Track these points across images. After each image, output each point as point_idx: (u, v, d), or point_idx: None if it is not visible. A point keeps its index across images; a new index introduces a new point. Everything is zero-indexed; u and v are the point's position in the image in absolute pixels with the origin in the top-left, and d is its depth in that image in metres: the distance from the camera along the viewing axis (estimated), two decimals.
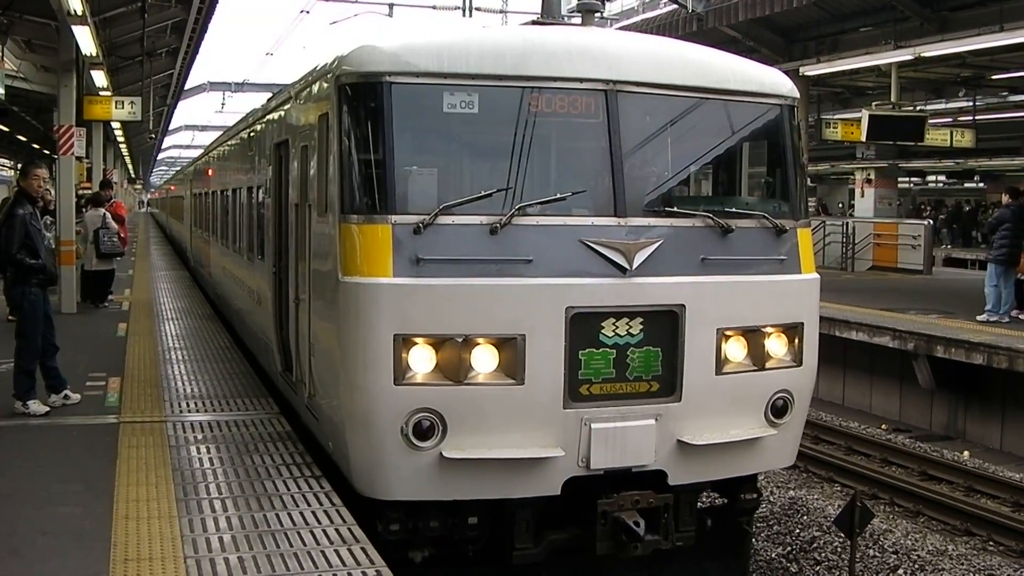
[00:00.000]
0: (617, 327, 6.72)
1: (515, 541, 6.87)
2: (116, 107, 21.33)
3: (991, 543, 10.82)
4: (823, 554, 10.61)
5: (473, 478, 6.64)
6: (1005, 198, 16.89)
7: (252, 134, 12.15)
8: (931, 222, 31.63)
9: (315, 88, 7.81)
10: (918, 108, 32.65)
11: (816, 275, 7.68)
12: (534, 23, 8.33)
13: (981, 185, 54.14)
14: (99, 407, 9.56)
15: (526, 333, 6.52)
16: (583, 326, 6.64)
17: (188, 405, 9.69)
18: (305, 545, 5.96)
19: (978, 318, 16.47)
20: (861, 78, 31.65)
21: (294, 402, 8.88)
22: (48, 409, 9.28)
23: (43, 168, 9.88)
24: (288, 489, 7.02)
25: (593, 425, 6.69)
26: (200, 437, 8.46)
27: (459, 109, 6.78)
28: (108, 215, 17.35)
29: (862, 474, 13.02)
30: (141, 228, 52.94)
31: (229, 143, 15.99)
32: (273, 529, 6.22)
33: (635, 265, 6.73)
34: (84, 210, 17.79)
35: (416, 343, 6.45)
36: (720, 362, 7.09)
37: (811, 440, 14.17)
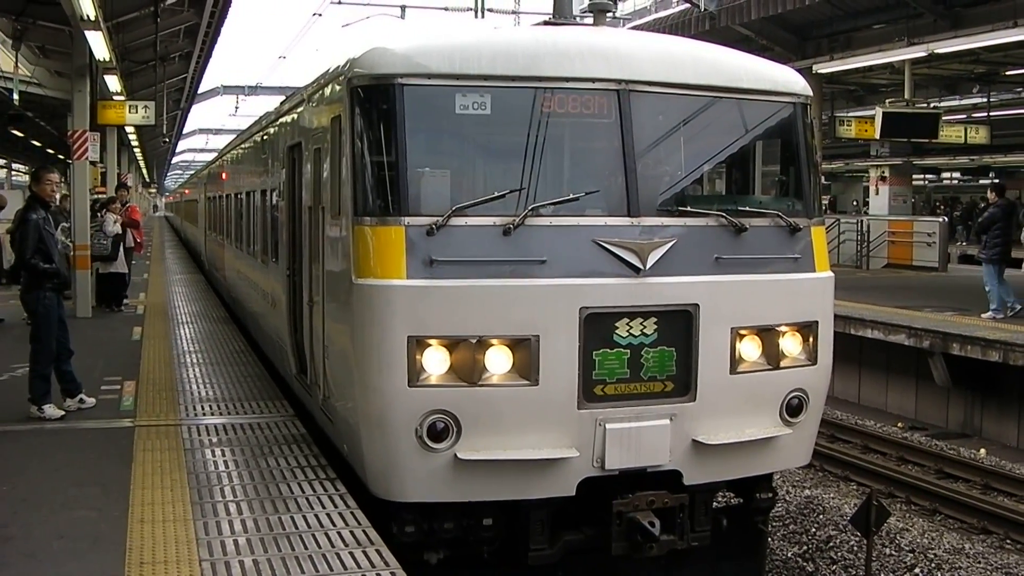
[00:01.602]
0: (631, 327, 6.70)
1: (530, 542, 6.86)
2: (130, 111, 21.41)
3: (1008, 541, 10.77)
4: (839, 553, 10.57)
5: (488, 479, 6.62)
6: (992, 196, 16.76)
7: (265, 137, 12.17)
8: (946, 219, 31.47)
9: (327, 91, 7.81)
10: (932, 105, 32.49)
11: (831, 273, 7.65)
12: (546, 23, 8.31)
13: (996, 182, 53.83)
14: (114, 411, 9.59)
15: (540, 334, 6.51)
16: (597, 326, 6.62)
17: (203, 408, 9.71)
18: (320, 547, 5.97)
19: (983, 316, 16.42)
20: (875, 75, 31.53)
21: (309, 404, 8.89)
22: (63, 413, 9.31)
23: (55, 172, 9.90)
24: (303, 491, 7.03)
25: (608, 425, 6.68)
26: (215, 440, 8.47)
27: (471, 110, 6.77)
28: (111, 218, 17.42)
29: (878, 472, 12.98)
30: (156, 232, 53.13)
31: (242, 146, 16.02)
32: (288, 532, 6.23)
33: (649, 265, 6.71)
34: (99, 215, 17.87)
35: (430, 344, 6.45)
36: (735, 361, 7.07)
37: (827, 439, 14.13)
